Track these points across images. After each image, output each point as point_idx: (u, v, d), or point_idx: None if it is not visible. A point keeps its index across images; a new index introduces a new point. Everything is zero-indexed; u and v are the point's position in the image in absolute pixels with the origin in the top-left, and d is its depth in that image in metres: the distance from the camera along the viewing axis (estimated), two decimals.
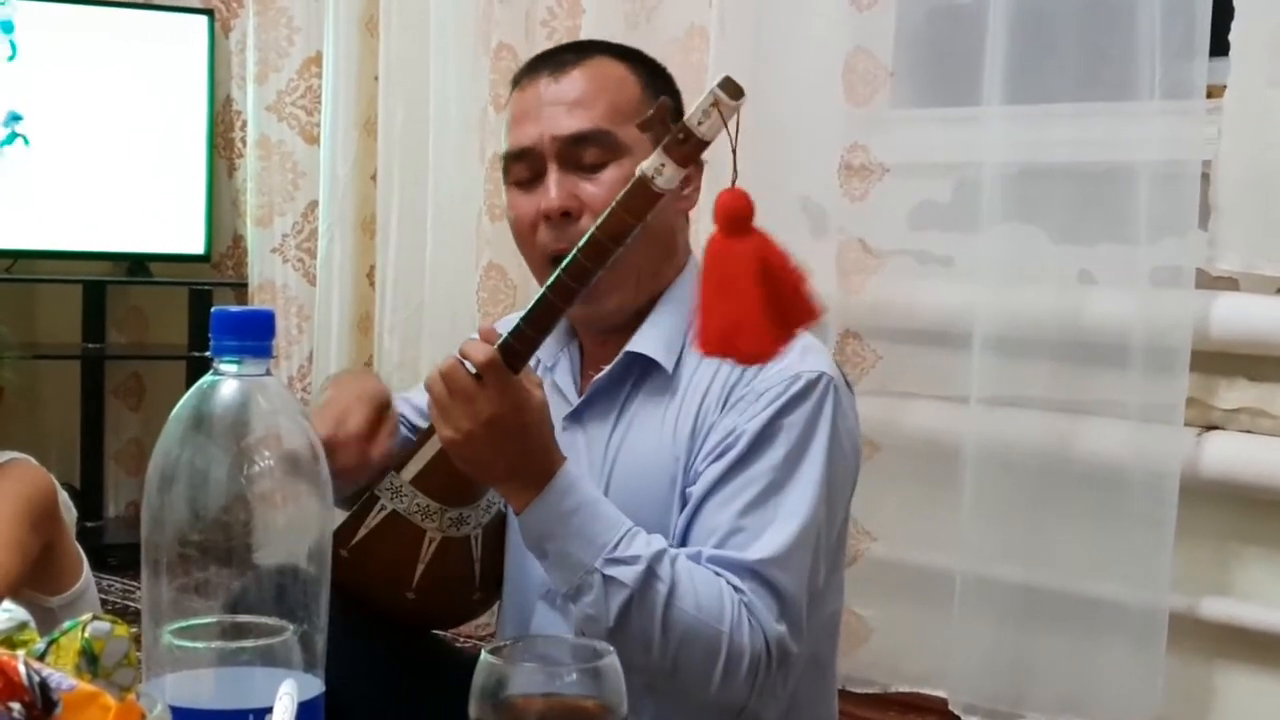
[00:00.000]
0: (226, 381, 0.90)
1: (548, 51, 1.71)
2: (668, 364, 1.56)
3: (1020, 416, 2.45)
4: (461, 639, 2.27)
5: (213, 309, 0.91)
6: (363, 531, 1.52)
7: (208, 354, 0.91)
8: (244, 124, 3.85)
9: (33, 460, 1.90)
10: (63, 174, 3.73)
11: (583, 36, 2.90)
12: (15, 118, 3.68)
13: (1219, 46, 2.26)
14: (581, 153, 1.57)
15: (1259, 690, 2.34)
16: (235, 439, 0.89)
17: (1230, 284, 2.29)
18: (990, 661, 2.48)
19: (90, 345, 3.86)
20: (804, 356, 1.50)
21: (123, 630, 0.94)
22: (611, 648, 0.90)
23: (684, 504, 1.51)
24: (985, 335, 2.44)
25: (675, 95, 1.66)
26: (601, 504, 1.43)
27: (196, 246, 3.88)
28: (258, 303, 3.71)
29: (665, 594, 1.38)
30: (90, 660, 0.91)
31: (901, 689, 2.68)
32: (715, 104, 1.16)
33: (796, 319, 1.07)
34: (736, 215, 1.05)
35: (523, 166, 1.60)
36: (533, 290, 3.17)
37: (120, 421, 4.09)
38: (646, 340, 1.57)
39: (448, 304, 3.23)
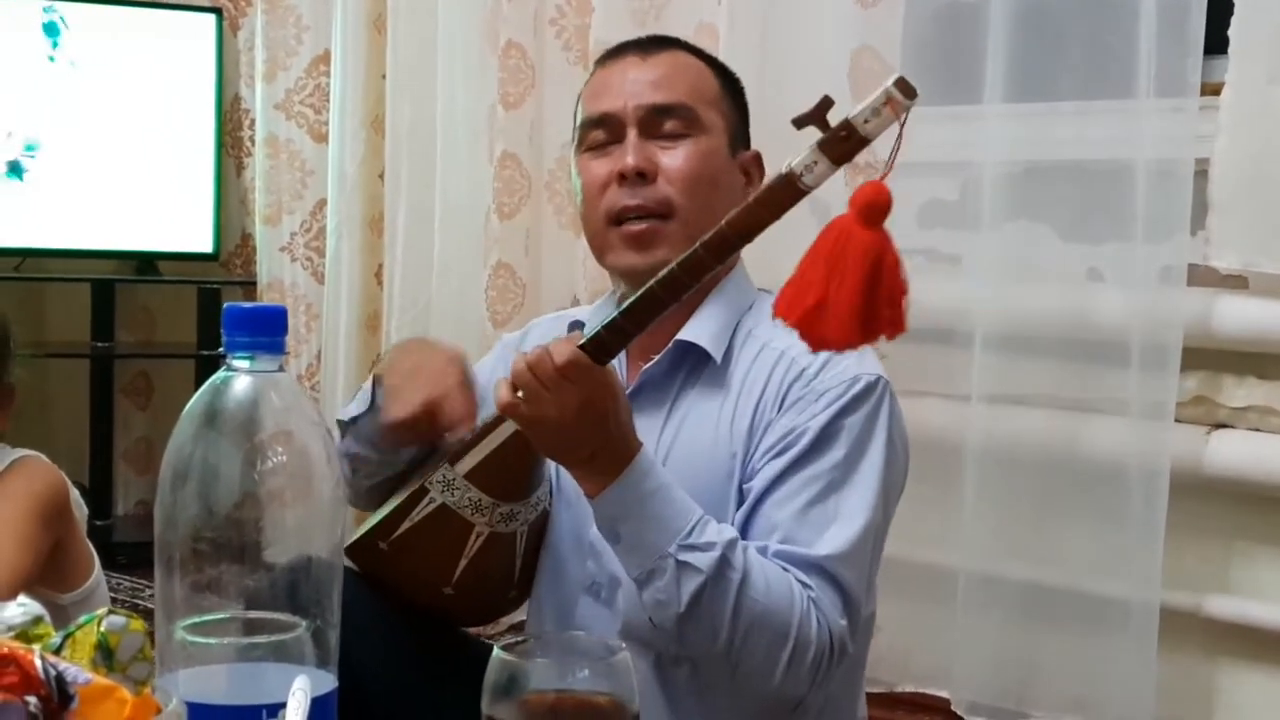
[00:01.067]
0: (239, 378, 0.90)
1: (633, 39, 1.74)
2: (717, 354, 1.57)
3: (1024, 414, 2.45)
4: (486, 636, 2.27)
5: (225, 305, 0.91)
6: (406, 524, 1.51)
7: (216, 352, 0.91)
8: (252, 122, 3.86)
9: (44, 458, 1.91)
10: (71, 173, 3.74)
11: (592, 35, 2.91)
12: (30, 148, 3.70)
13: (1218, 44, 2.26)
14: (662, 122, 1.60)
15: (1267, 689, 2.34)
16: (248, 435, 0.90)
17: (1240, 282, 2.29)
18: (994, 660, 2.48)
19: (99, 344, 3.87)
20: (862, 360, 1.53)
21: (138, 625, 0.94)
22: (624, 645, 0.90)
23: (740, 499, 1.52)
24: (989, 333, 2.44)
25: (744, 102, 1.72)
26: (675, 490, 1.43)
27: (205, 245, 3.88)
28: (266, 301, 3.72)
29: (738, 581, 1.39)
30: (106, 654, 0.91)
31: (908, 688, 2.68)
32: (888, 102, 1.15)
33: (883, 326, 1.06)
34: (875, 205, 1.05)
35: (601, 132, 1.63)
36: (542, 290, 3.18)
37: (129, 420, 4.10)
38: (698, 330, 1.59)
39: (456, 302, 3.23)
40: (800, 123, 1.22)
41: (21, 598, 0.99)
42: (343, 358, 3.55)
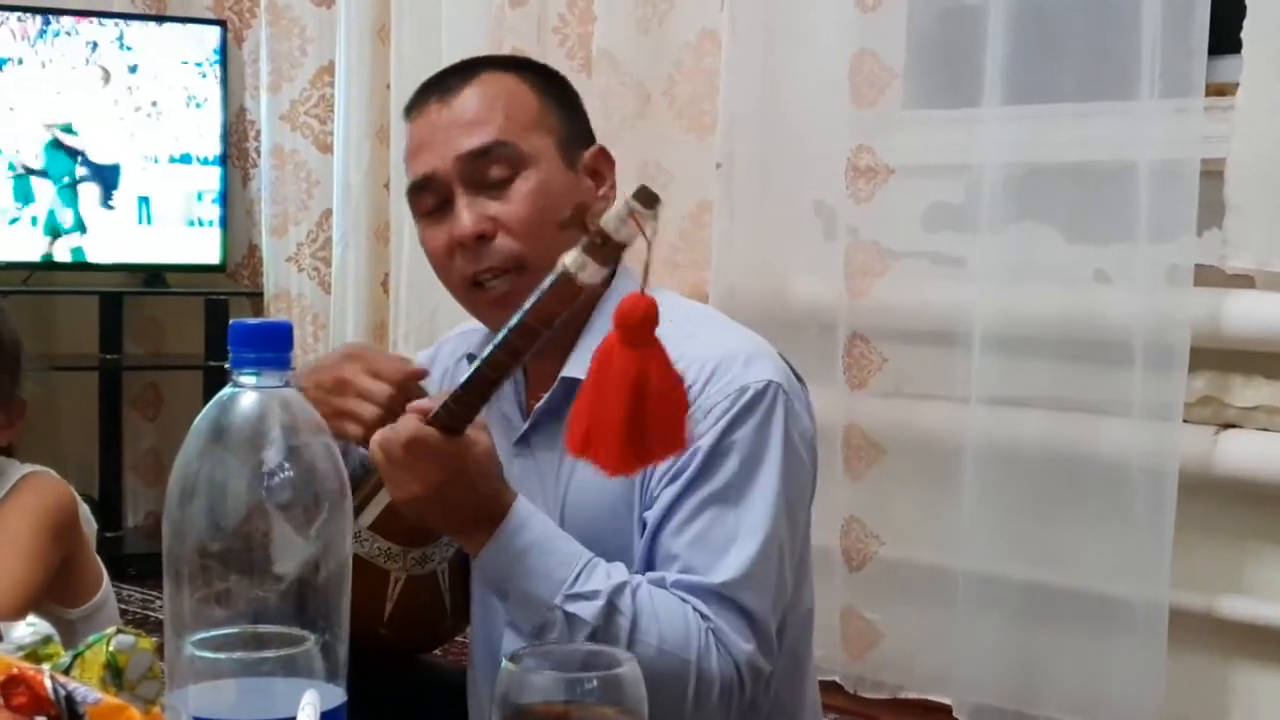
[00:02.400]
0: (245, 394, 0.90)
1: (433, 78, 1.64)
2: None
3: (1030, 416, 2.45)
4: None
5: (231, 321, 0.91)
6: None
7: (225, 364, 0.91)
8: (258, 134, 3.86)
9: (53, 473, 1.91)
10: (79, 185, 3.75)
11: (595, 43, 2.91)
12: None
13: (1231, 44, 2.26)
14: (486, 170, 1.52)
15: (1276, 689, 2.34)
16: (254, 451, 0.90)
17: (1246, 282, 2.29)
18: (996, 663, 2.48)
19: (107, 356, 3.88)
20: (749, 366, 1.47)
21: (147, 643, 0.94)
22: (633, 655, 0.90)
23: (644, 529, 1.48)
24: (990, 335, 2.44)
25: (573, 99, 1.63)
26: (557, 538, 1.40)
27: (212, 257, 3.89)
28: (273, 311, 3.73)
29: (628, 629, 1.36)
30: (115, 673, 0.91)
31: (911, 694, 2.67)
32: (631, 214, 1.11)
33: (655, 447, 0.99)
34: (634, 322, 0.97)
35: (428, 197, 1.55)
36: None
37: (138, 432, 4.11)
38: (579, 363, 1.52)
39: (461, 310, 3.23)
40: (561, 226, 1.22)
41: (31, 617, 0.99)
42: None
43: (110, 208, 3.79)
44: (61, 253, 3.77)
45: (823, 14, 2.62)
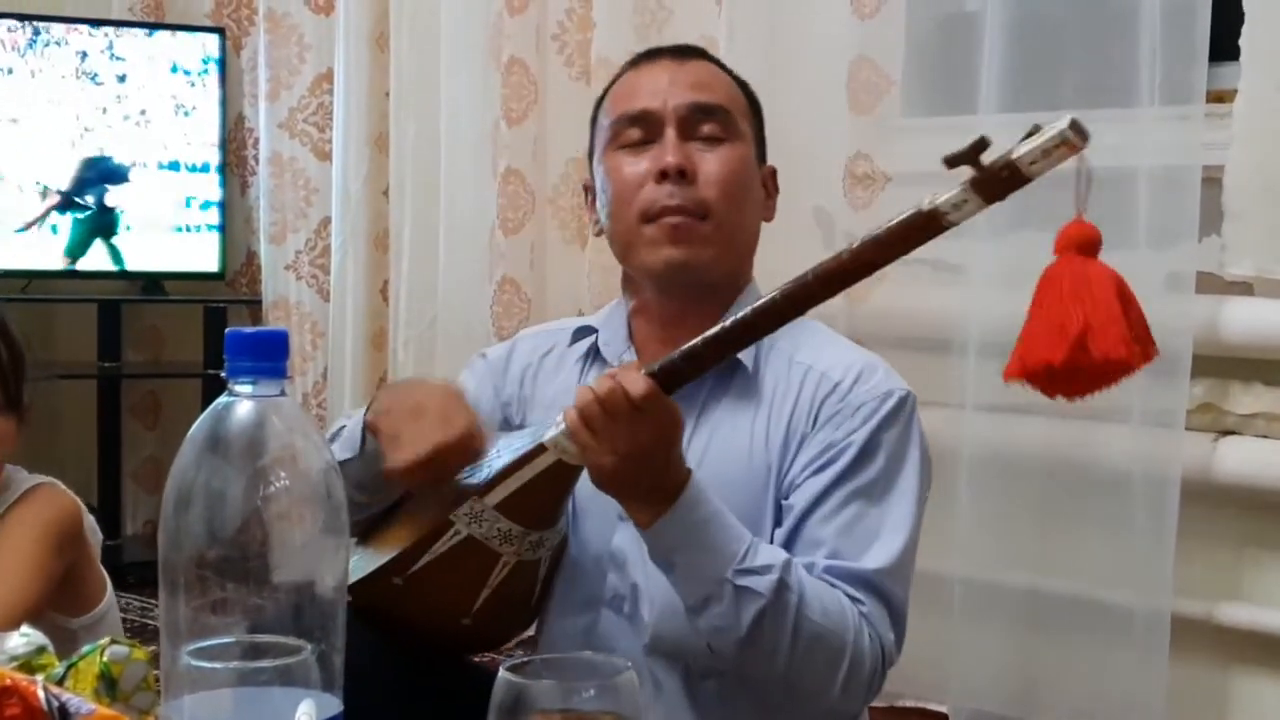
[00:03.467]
0: (241, 403, 0.90)
1: (663, 46, 1.74)
2: (749, 363, 1.56)
3: (1029, 423, 2.44)
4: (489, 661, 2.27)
5: (226, 330, 0.91)
6: (427, 558, 1.47)
7: (223, 372, 0.91)
8: (256, 141, 3.86)
9: (59, 484, 1.93)
10: (81, 193, 3.75)
11: (594, 50, 2.91)
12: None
13: (1230, 51, 2.25)
14: (701, 124, 1.59)
15: (1276, 696, 2.33)
16: (251, 460, 0.90)
17: (1245, 289, 2.29)
18: (995, 671, 2.47)
19: (106, 364, 3.88)
20: (889, 375, 1.56)
21: (141, 654, 0.94)
22: (629, 664, 0.90)
23: (777, 514, 1.52)
24: (993, 341, 2.44)
25: (763, 119, 1.71)
26: (727, 515, 1.42)
27: (211, 264, 3.89)
28: (272, 319, 3.73)
29: (796, 603, 1.39)
30: (109, 684, 0.91)
31: (909, 702, 2.67)
32: (1062, 144, 1.14)
33: (1148, 346, 1.06)
34: (1092, 241, 1.08)
35: (637, 129, 1.61)
36: (547, 305, 3.18)
37: (137, 440, 4.11)
38: None
39: (461, 318, 3.24)
40: (953, 162, 1.18)
41: (25, 628, 0.99)
42: (349, 375, 3.55)
43: (110, 215, 3.79)
44: (60, 260, 3.77)
45: (820, 21, 2.62)
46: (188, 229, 3.85)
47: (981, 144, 1.18)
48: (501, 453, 1.51)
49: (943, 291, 2.62)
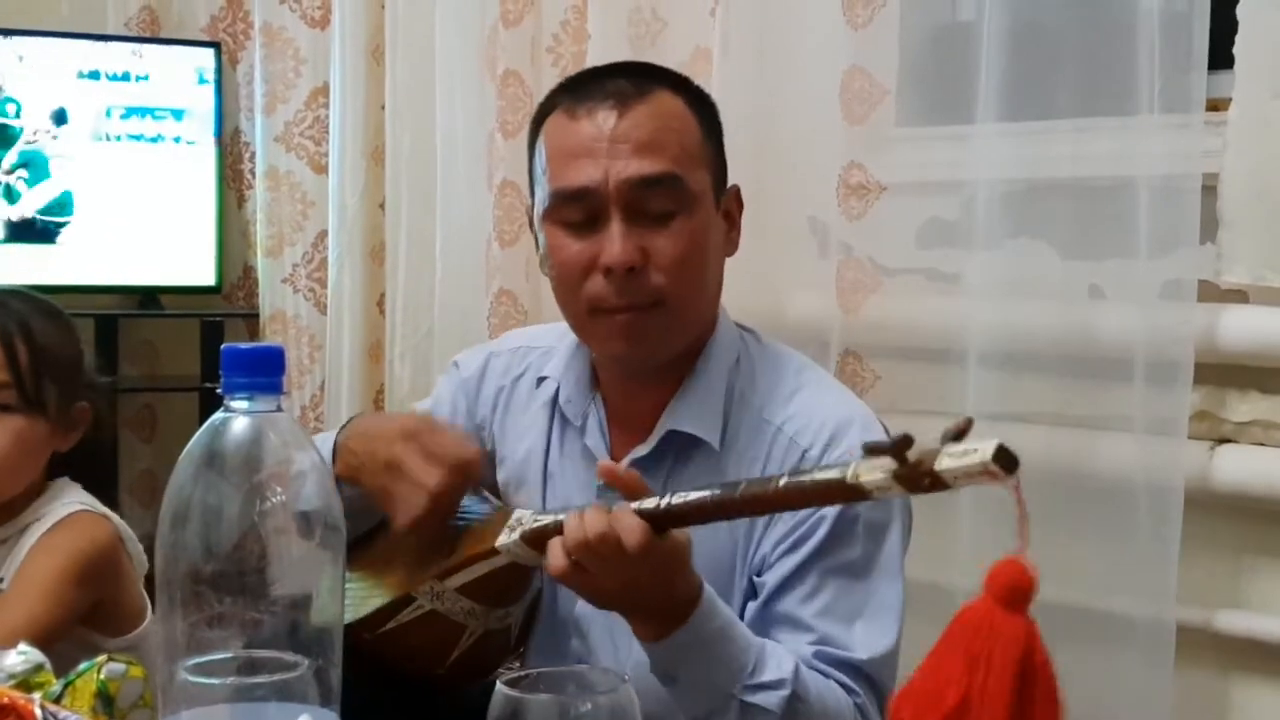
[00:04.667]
0: (237, 418, 0.90)
1: (598, 73, 1.56)
2: (714, 440, 1.48)
3: (1026, 432, 2.44)
4: None
5: (223, 346, 0.91)
6: (392, 624, 1.44)
7: (220, 386, 0.91)
8: (252, 155, 3.86)
9: (99, 509, 1.91)
10: (73, 208, 3.75)
11: (589, 62, 2.91)
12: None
13: (1224, 60, 2.26)
14: (649, 199, 1.45)
15: (1276, 704, 2.33)
16: (247, 475, 0.90)
17: (1240, 296, 2.29)
18: None
19: (102, 378, 3.86)
20: (865, 432, 1.45)
21: (138, 671, 0.94)
22: (626, 677, 0.90)
23: (749, 589, 1.46)
24: (986, 351, 2.44)
25: (721, 131, 1.58)
26: (737, 625, 1.36)
27: (207, 278, 3.89)
28: (269, 333, 3.72)
29: (805, 712, 1.34)
30: (106, 702, 0.91)
31: None
32: (983, 473, 1.06)
33: None
34: (1022, 591, 0.93)
35: (576, 209, 1.47)
36: (544, 316, 3.18)
37: (133, 453, 4.10)
38: (687, 416, 1.49)
39: (458, 331, 3.23)
40: (873, 452, 1.10)
41: (22, 645, 0.98)
42: (346, 388, 3.55)
43: (104, 229, 3.79)
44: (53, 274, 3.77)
45: (813, 31, 2.62)
46: (184, 243, 3.85)
47: (906, 441, 1.10)
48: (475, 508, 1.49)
49: (940, 301, 2.62)
